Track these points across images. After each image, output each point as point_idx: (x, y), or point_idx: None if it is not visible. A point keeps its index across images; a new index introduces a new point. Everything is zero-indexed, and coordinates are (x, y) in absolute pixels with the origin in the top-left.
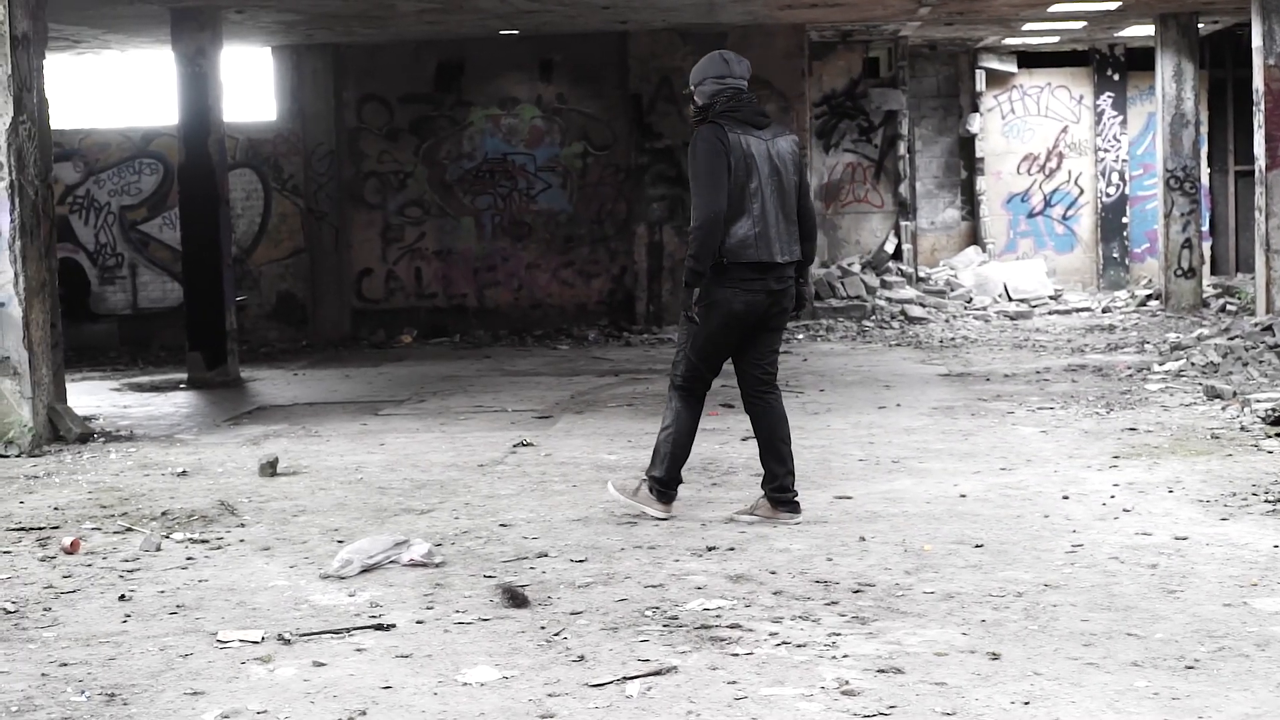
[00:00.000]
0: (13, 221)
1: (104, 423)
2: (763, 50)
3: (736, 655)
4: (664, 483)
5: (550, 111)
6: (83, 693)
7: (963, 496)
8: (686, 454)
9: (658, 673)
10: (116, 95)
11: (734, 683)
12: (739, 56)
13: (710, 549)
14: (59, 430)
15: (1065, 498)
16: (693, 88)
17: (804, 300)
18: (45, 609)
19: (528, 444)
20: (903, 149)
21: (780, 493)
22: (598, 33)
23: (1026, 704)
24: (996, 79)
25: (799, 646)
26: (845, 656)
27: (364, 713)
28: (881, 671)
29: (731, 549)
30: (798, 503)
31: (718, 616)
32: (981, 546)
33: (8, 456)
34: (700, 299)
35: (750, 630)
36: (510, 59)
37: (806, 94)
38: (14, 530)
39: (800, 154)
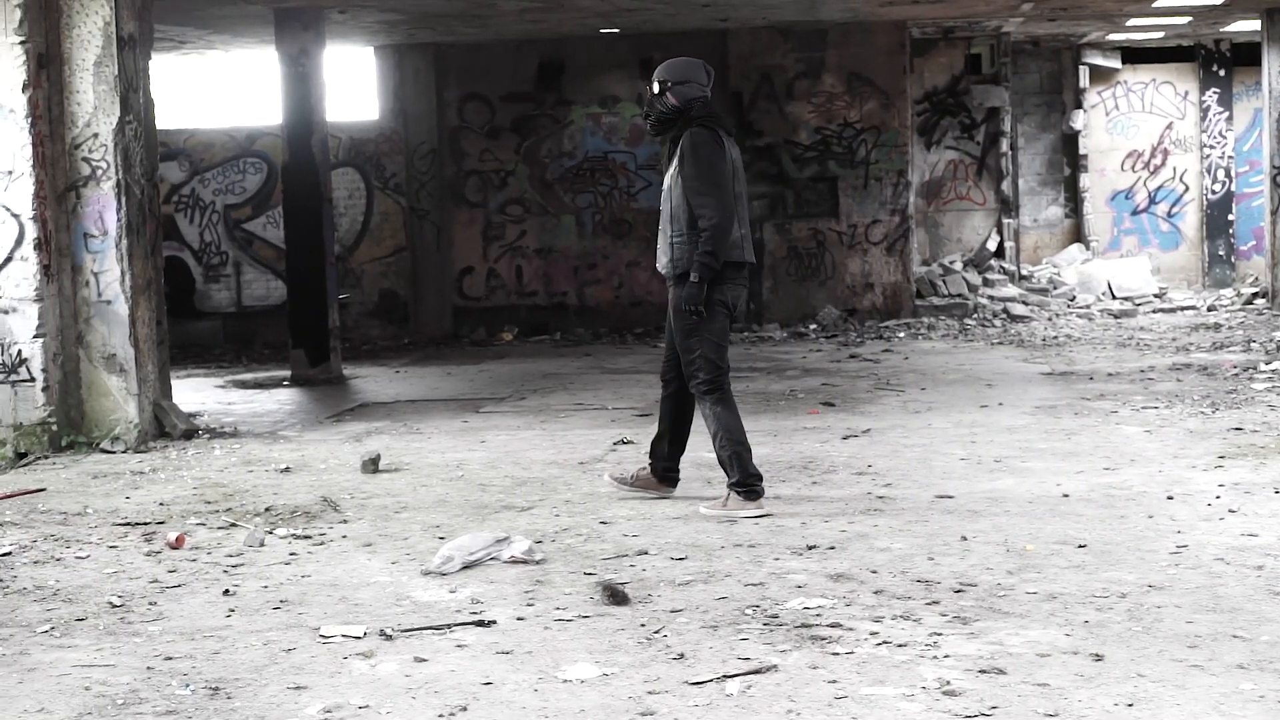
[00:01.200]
0: (119, 220)
1: (208, 419)
2: (864, 47)
3: (837, 654)
4: (745, 483)
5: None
6: (187, 686)
7: (1066, 496)
8: (748, 444)
9: (758, 671)
10: (221, 95)
11: (834, 682)
12: (705, 64)
13: (810, 548)
14: (164, 426)
15: (1170, 498)
16: (671, 84)
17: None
18: (151, 603)
19: (628, 441)
20: (1005, 146)
21: (670, 472)
22: (698, 31)
23: (1130, 706)
24: (1100, 75)
25: (900, 646)
26: (947, 657)
27: (465, 708)
28: (983, 672)
29: (832, 548)
30: (678, 480)
31: (818, 615)
32: (1085, 547)
33: (114, 452)
34: (705, 300)
35: (851, 629)
36: (611, 57)
37: (908, 91)
38: (120, 525)
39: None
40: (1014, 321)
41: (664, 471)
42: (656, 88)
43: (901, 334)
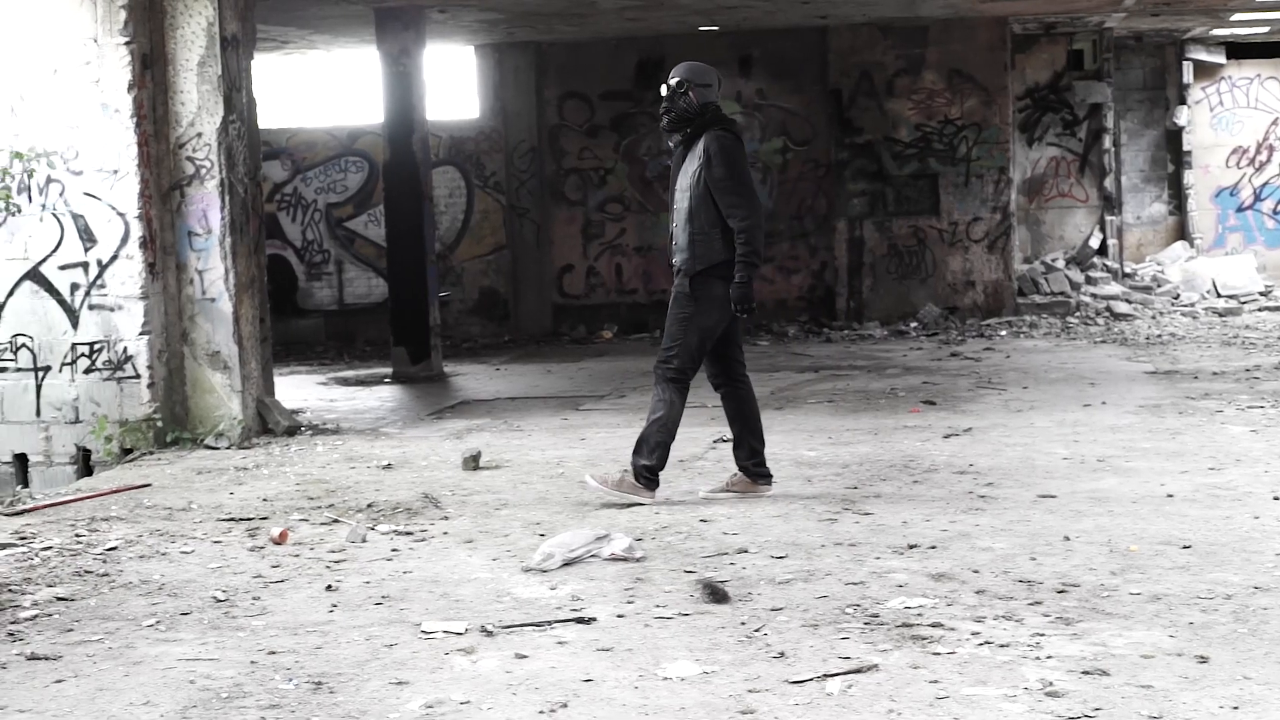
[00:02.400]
0: (223, 219)
1: (311, 416)
2: (964, 43)
3: (938, 654)
4: (653, 470)
5: (750, 107)
6: (290, 680)
7: (1170, 496)
8: (670, 446)
9: (858, 670)
10: (323, 95)
11: (936, 682)
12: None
13: (912, 547)
14: (267, 423)
15: (1276, 498)
16: (694, 85)
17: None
18: (254, 598)
19: (727, 440)
20: (1108, 142)
21: (759, 467)
22: (797, 28)
23: (1235, 709)
24: (1204, 70)
25: (1002, 646)
26: (1049, 657)
27: (565, 705)
28: (1086, 673)
29: (933, 547)
30: (771, 475)
31: (919, 615)
32: (1189, 547)
33: (218, 449)
34: (702, 294)
35: (952, 629)
36: (709, 55)
37: (1009, 87)
38: (224, 521)
39: None
40: (1117, 320)
41: (754, 468)
42: (678, 86)
43: (1003, 332)
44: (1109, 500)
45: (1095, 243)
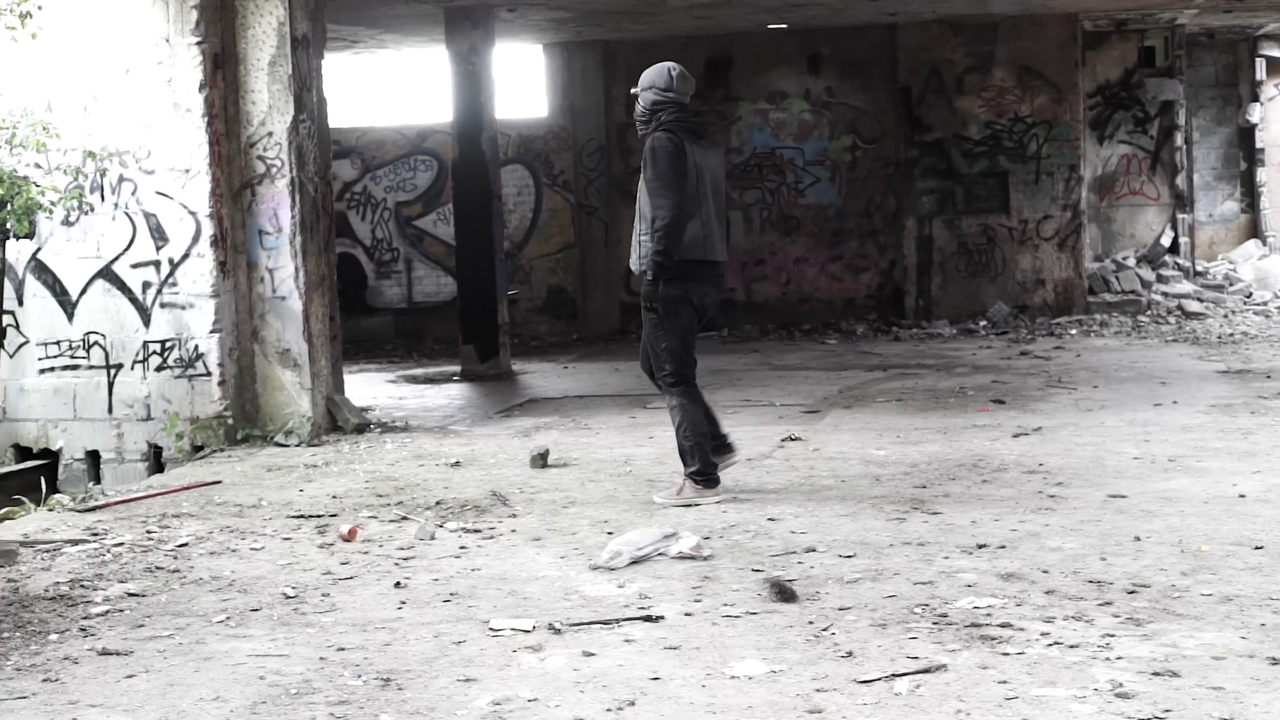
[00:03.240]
0: (293, 217)
1: (380, 414)
2: (1034, 40)
3: (1007, 654)
4: (703, 471)
5: (819, 105)
6: (359, 677)
7: (1242, 496)
8: (708, 435)
9: (927, 670)
10: (392, 94)
11: (1005, 682)
12: (687, 74)
13: (980, 546)
14: (337, 420)
15: None
16: (639, 91)
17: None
18: (324, 594)
19: (796, 438)
20: (1179, 140)
21: (721, 441)
22: (866, 25)
23: None
24: (1277, 67)
25: (1071, 647)
26: (1119, 658)
27: (633, 703)
28: (1157, 674)
29: (1002, 547)
30: (719, 480)
31: (988, 615)
32: (1262, 548)
33: (287, 446)
34: (664, 296)
35: (1021, 629)
36: (778, 53)
37: (1080, 84)
38: (294, 518)
39: (725, 166)
40: (1188, 318)
41: (716, 448)
42: (630, 96)
43: (1073, 331)
44: (1180, 500)
45: (1167, 241)
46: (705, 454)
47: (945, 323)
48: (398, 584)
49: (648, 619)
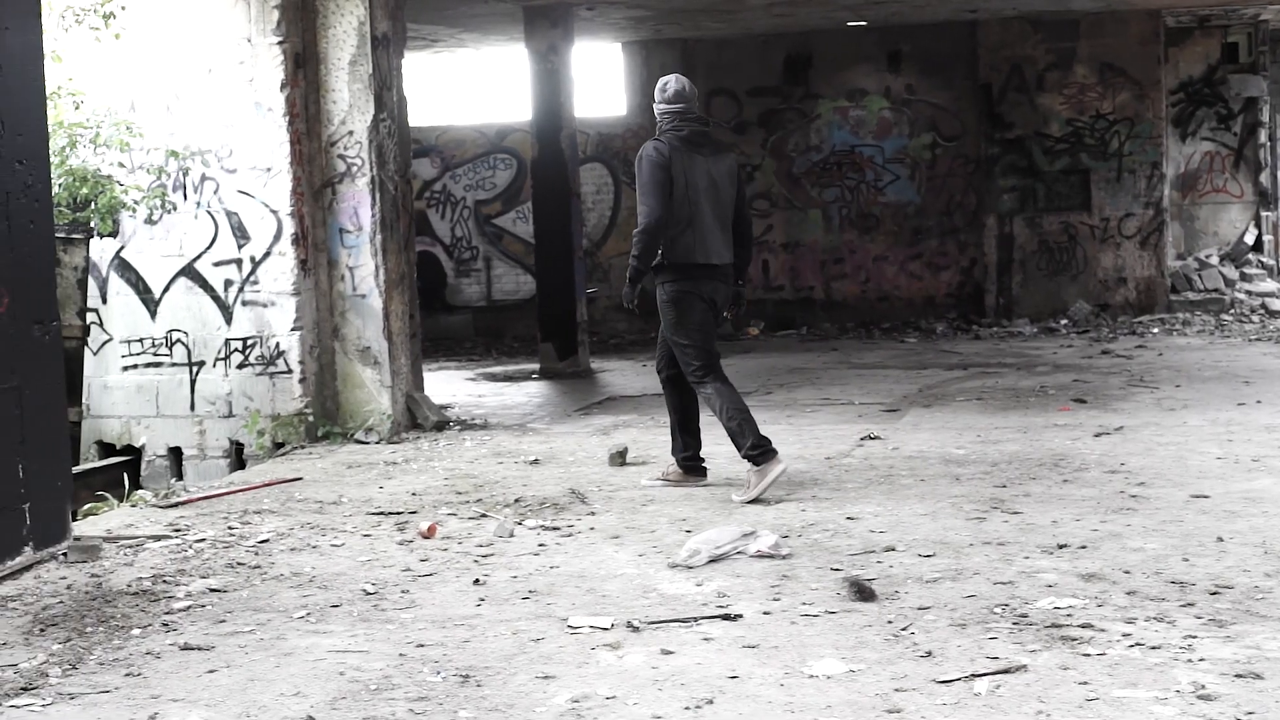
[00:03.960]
0: (373, 216)
1: (459, 411)
2: (1116, 37)
3: (1088, 655)
4: (757, 446)
5: (898, 103)
6: (438, 673)
7: None
8: (750, 414)
9: (1007, 671)
10: (471, 92)
11: (1085, 683)
12: (683, 82)
13: (1061, 547)
14: (416, 418)
15: None
16: (656, 104)
17: (741, 299)
18: (403, 591)
19: (875, 437)
20: (1263, 137)
21: (694, 461)
22: (946, 22)
23: None
24: None
25: (1153, 648)
26: (1201, 660)
27: (711, 701)
28: (1239, 676)
29: (1083, 547)
30: (706, 469)
31: (1069, 615)
32: None
33: (367, 443)
34: (671, 297)
35: (1102, 630)
36: (858, 50)
37: (1162, 81)
38: (374, 514)
39: (739, 170)
40: (1272, 317)
41: (686, 462)
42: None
43: (1155, 330)
44: (1264, 501)
45: (1250, 239)
46: (755, 429)
47: (1026, 321)
48: (477, 581)
49: (726, 617)
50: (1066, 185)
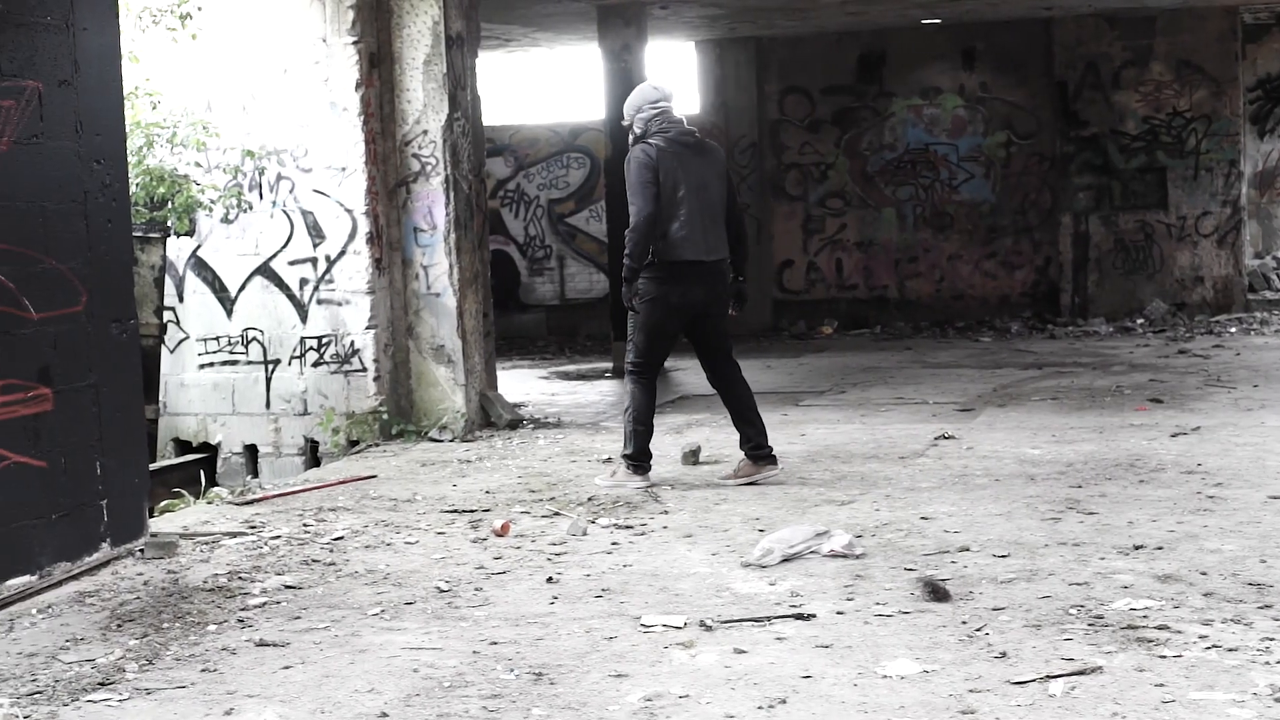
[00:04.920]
0: (447, 215)
1: (532, 410)
2: (1193, 34)
3: (1164, 657)
4: (636, 457)
5: (973, 101)
6: (512, 671)
7: None
8: (650, 429)
9: (1082, 672)
10: (545, 91)
11: (1161, 685)
12: (665, 83)
13: (1137, 548)
14: (490, 416)
15: None
16: (631, 119)
17: (744, 296)
18: (477, 589)
19: (949, 436)
20: None
21: (758, 450)
22: (1021, 20)
23: None
24: None
25: (1230, 650)
26: (1279, 662)
27: (784, 701)
28: None
29: (1159, 548)
30: (775, 456)
31: (1145, 617)
32: None
33: (441, 441)
34: (642, 294)
35: (1179, 632)
36: (932, 48)
37: (1239, 78)
38: (448, 512)
39: (726, 166)
40: None
41: (752, 451)
42: (626, 121)
43: (1233, 329)
44: None
45: None
46: (643, 443)
47: (1101, 320)
48: (550, 579)
49: (799, 617)
50: (1143, 183)
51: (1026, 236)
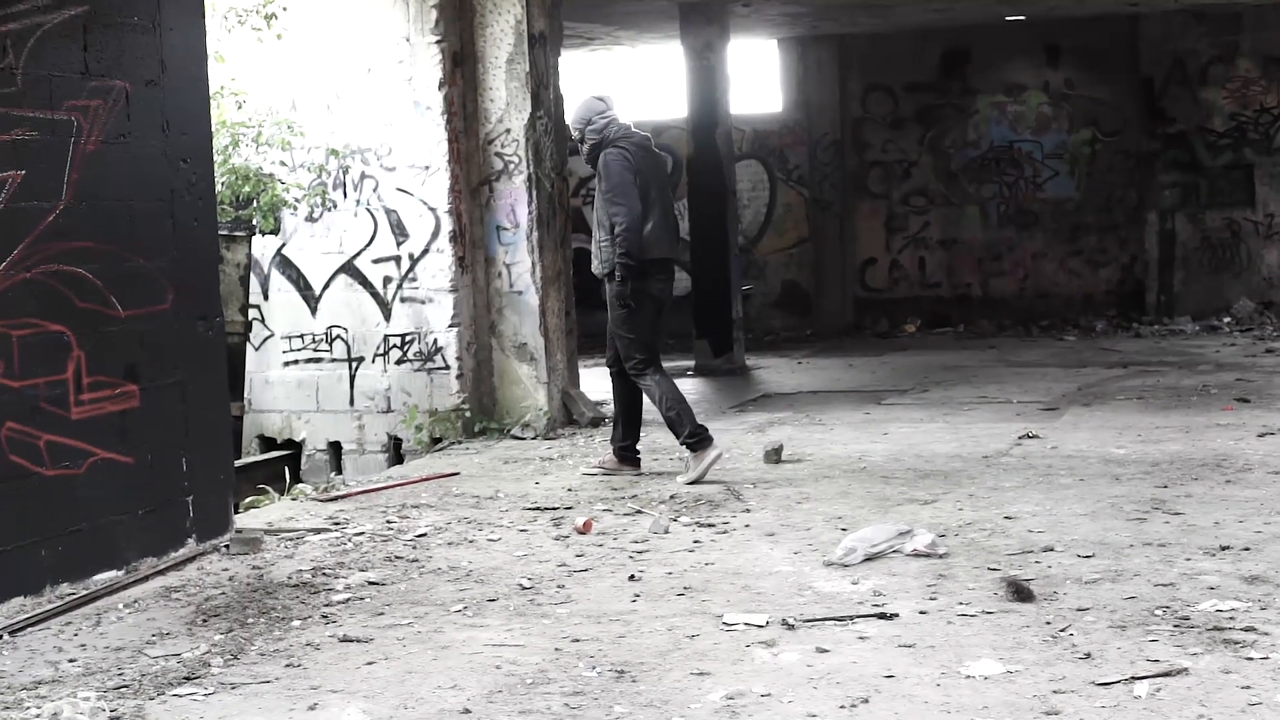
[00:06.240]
0: (530, 213)
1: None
2: None
3: (1251, 659)
4: (695, 434)
5: (1057, 98)
6: (594, 668)
7: None
8: (688, 404)
9: (1167, 674)
10: (627, 90)
11: (1248, 688)
12: (606, 93)
13: (1224, 548)
14: (572, 414)
15: None
16: (582, 130)
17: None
18: (559, 586)
19: (1033, 436)
20: None
21: (627, 451)
22: (1106, 16)
23: None
24: None
25: None
26: None
27: (866, 700)
28: None
29: (1247, 549)
30: (640, 461)
31: (1231, 618)
32: None
33: (524, 439)
34: (632, 293)
35: (1266, 634)
36: (1016, 45)
37: None
38: (530, 510)
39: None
40: None
41: (622, 451)
42: (576, 134)
43: None
44: None
45: None
46: (692, 418)
47: (1187, 319)
48: (632, 577)
49: (882, 616)
50: (1230, 181)
51: (1112, 234)
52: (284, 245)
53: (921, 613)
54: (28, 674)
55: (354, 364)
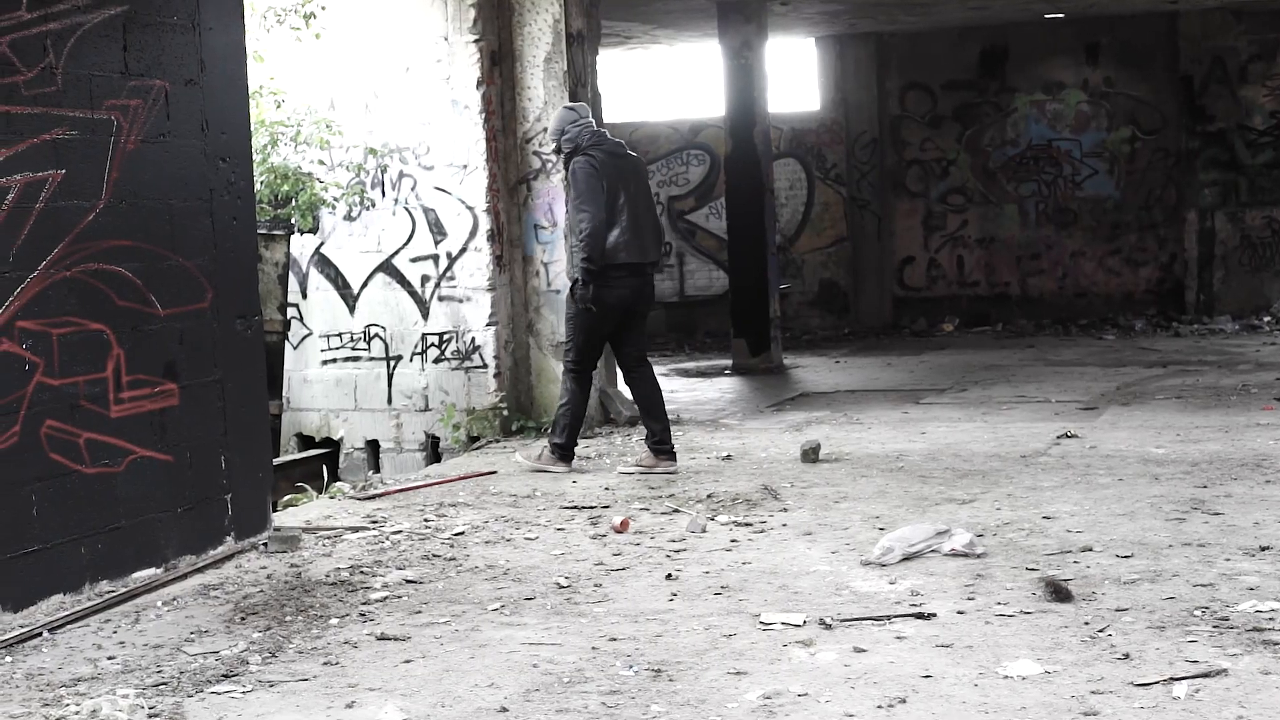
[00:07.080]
0: (568, 212)
1: None
2: None
3: None
4: (564, 447)
5: (1096, 96)
6: (630, 667)
7: None
8: (581, 423)
9: (1206, 675)
10: (665, 88)
11: None
12: (581, 104)
13: (1264, 549)
14: (609, 413)
15: None
16: (557, 140)
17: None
18: (596, 585)
19: (1072, 435)
20: None
21: (660, 445)
22: (1145, 14)
23: None
24: None
25: None
26: None
27: (904, 700)
28: None
29: None
30: (675, 454)
31: (1271, 620)
32: None
33: None
34: (583, 297)
35: None
36: (1054, 43)
37: None
38: (567, 509)
39: (646, 172)
40: None
41: (654, 445)
42: (552, 144)
43: None
44: None
45: None
46: (572, 435)
47: (1227, 318)
48: (669, 576)
49: (920, 616)
50: (1270, 179)
51: (1151, 233)
52: (322, 244)
53: (959, 613)
54: (67, 671)
55: (392, 362)
